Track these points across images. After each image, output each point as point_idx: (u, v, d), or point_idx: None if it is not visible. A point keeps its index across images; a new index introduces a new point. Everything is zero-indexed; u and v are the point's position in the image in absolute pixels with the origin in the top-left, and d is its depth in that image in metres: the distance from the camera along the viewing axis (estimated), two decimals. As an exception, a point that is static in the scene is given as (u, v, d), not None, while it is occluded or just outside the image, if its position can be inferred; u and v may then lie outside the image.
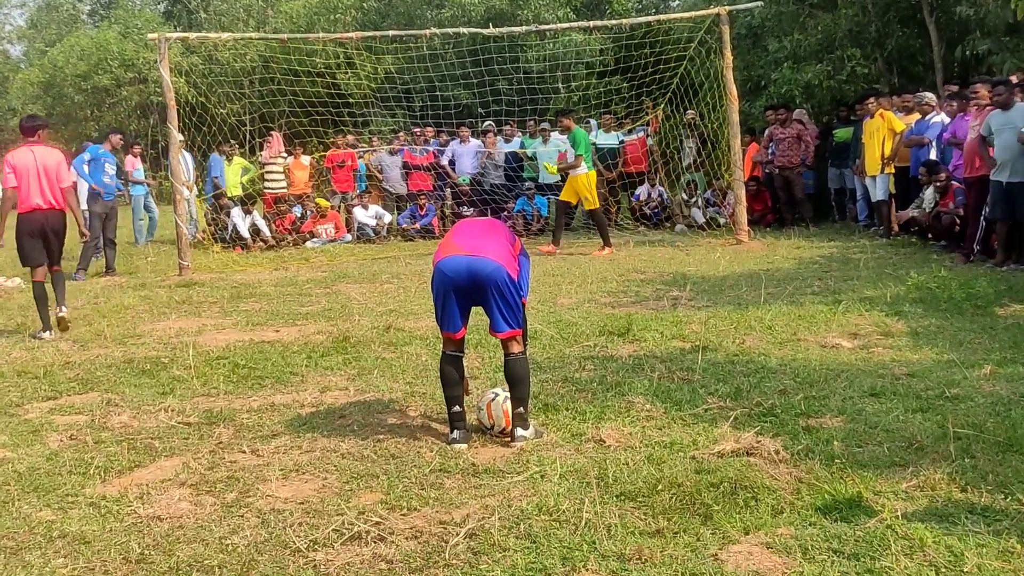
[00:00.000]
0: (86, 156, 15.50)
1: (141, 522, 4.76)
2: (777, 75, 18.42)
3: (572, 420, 6.04)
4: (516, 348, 5.77)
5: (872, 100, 14.78)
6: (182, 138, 15.44)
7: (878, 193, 14.69)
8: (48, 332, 9.87)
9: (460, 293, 5.69)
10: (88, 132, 35.77)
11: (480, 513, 4.65)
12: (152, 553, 4.39)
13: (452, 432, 5.77)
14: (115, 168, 15.81)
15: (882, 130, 14.21)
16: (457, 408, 5.78)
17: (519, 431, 5.68)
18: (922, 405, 5.98)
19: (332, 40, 24.82)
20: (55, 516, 4.90)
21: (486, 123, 20.00)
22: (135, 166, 20.07)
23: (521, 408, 5.72)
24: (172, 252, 15.98)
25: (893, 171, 14.29)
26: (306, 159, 19.92)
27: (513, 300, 5.70)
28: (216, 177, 19.30)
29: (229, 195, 19.03)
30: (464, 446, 5.66)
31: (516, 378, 5.74)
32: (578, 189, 15.05)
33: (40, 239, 10.05)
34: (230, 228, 18.35)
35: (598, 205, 15.55)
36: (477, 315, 6.06)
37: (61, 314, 10.03)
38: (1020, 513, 4.34)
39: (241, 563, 4.24)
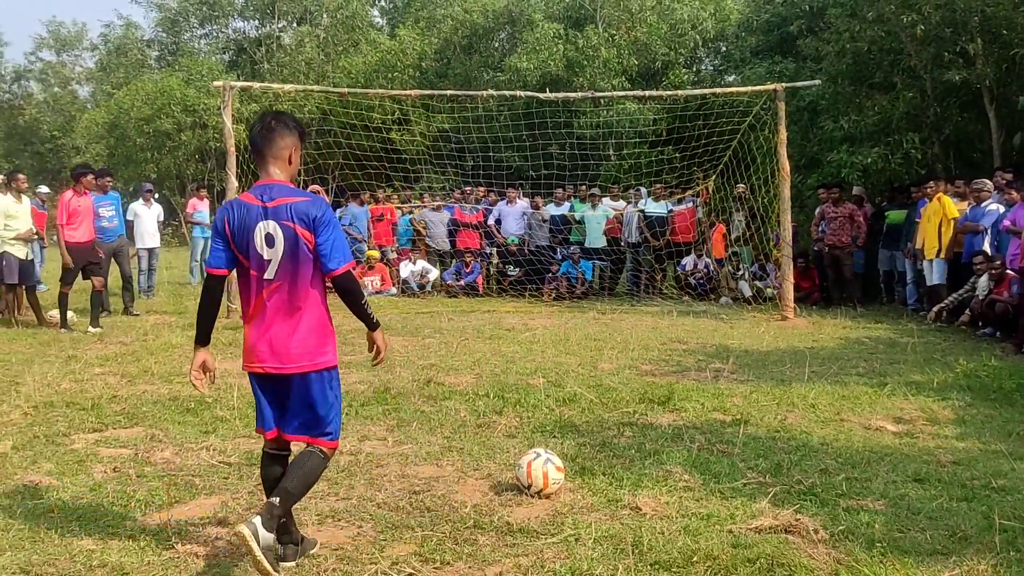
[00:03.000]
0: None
1: (179, 557, 4.79)
2: (833, 157, 18.35)
3: (609, 485, 5.97)
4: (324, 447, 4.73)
5: (932, 184, 14.70)
6: (236, 185, 15.62)
7: (934, 277, 14.50)
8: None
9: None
10: (147, 174, 36.40)
11: (513, 572, 4.61)
12: (185, 591, 4.40)
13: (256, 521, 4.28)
14: (112, 211, 15.74)
15: (939, 214, 14.09)
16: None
17: (261, 530, 4.24)
18: (967, 494, 5.85)
19: (390, 96, 25.19)
20: (95, 546, 4.94)
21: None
22: (196, 208, 20.39)
23: (277, 499, 4.43)
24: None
25: (950, 256, 14.13)
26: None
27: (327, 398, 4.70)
28: None
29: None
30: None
31: (296, 468, 4.64)
32: None
33: None
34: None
35: None
36: (496, 359, 6.03)
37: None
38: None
39: (272, 607, 4.22)
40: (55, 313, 13.72)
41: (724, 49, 31.48)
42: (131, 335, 12.66)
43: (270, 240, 4.53)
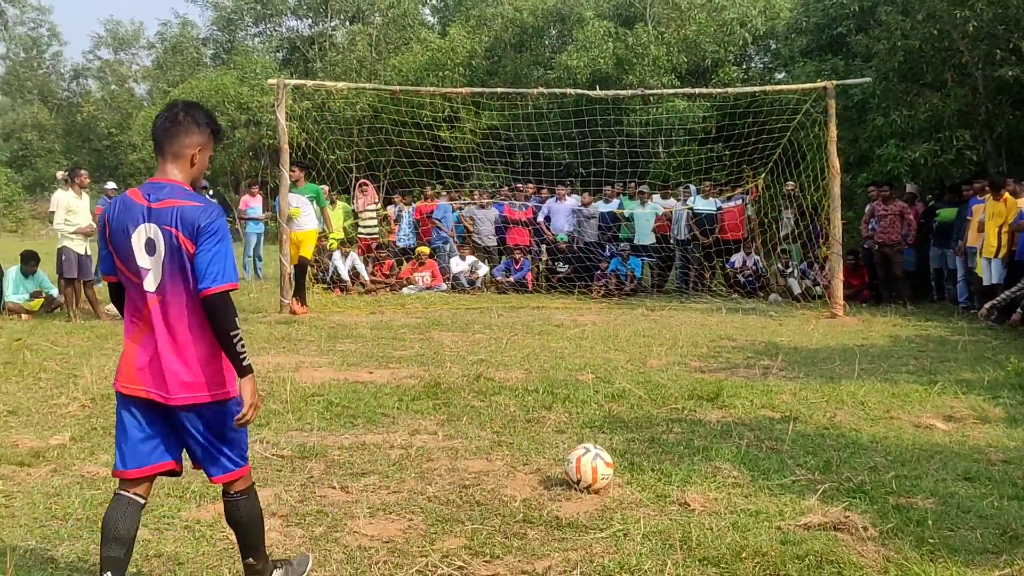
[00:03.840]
0: None
1: (232, 548, 4.82)
2: (883, 151, 18.15)
3: (657, 481, 5.96)
4: (240, 485, 4.22)
5: (978, 182, 14.49)
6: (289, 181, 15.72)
7: (992, 276, 14.27)
8: None
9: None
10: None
11: (562, 566, 4.62)
12: (241, 579, 4.46)
13: None
14: None
15: (1002, 214, 13.84)
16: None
17: None
18: (1018, 493, 5.78)
19: (441, 94, 25.27)
20: (152, 536, 5.01)
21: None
22: (249, 204, 20.56)
23: (251, 559, 4.23)
24: (274, 289, 16.27)
25: (1008, 257, 13.91)
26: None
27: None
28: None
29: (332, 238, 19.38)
30: None
31: (235, 522, 4.26)
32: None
33: None
34: (331, 270, 18.64)
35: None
36: (546, 355, 6.02)
37: None
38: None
39: (325, 596, 4.27)
40: (111, 307, 13.90)
41: (774, 47, 31.22)
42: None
43: (150, 246, 3.89)
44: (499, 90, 20.74)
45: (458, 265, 19.10)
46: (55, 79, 57.88)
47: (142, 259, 3.90)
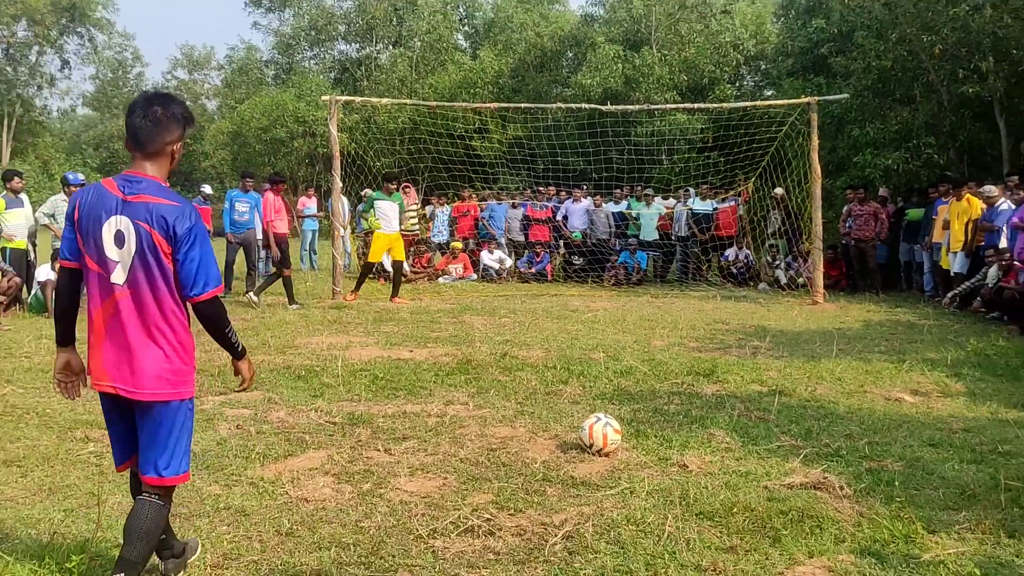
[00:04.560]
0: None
1: (291, 502, 4.87)
2: (859, 159, 18.08)
3: (659, 446, 5.96)
4: (163, 493, 3.67)
5: (944, 185, 14.38)
6: (340, 185, 15.76)
7: (956, 267, 14.14)
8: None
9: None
10: (264, 175, 36.91)
11: (576, 519, 4.63)
12: (299, 529, 4.49)
13: None
14: (247, 207, 15.79)
15: (967, 212, 13.75)
16: None
17: None
18: (976, 457, 5.74)
19: (472, 108, 25.24)
20: (221, 491, 5.05)
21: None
22: (305, 204, 20.62)
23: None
24: (327, 279, 16.34)
25: (972, 250, 13.83)
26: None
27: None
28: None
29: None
30: None
31: (132, 531, 3.58)
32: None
33: None
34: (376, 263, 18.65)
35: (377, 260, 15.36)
36: (563, 336, 6.00)
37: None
38: (1064, 561, 4.15)
39: (372, 543, 4.30)
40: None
41: (763, 67, 31.03)
42: (251, 313, 12.89)
43: (120, 239, 3.47)
44: (523, 105, 20.73)
45: (488, 258, 19.12)
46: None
47: (111, 251, 3.49)
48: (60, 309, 3.73)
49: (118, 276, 3.50)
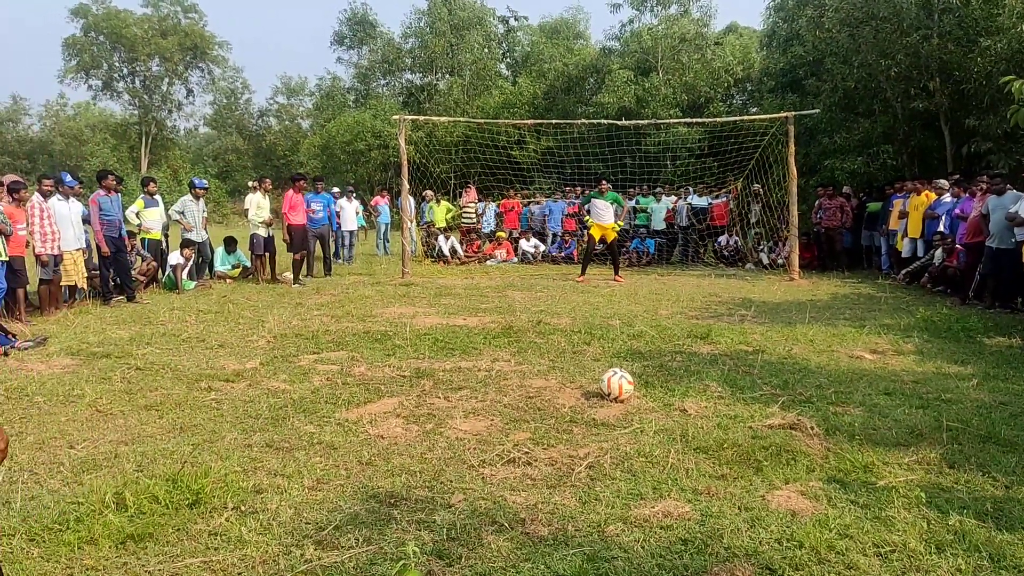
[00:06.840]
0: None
1: (370, 439, 4.93)
2: (828, 162, 17.85)
3: (664, 394, 5.95)
4: None
5: (899, 182, 14.12)
6: (408, 187, 15.79)
7: (908, 250, 13.93)
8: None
9: None
10: (348, 180, 37.10)
11: (597, 452, 4.64)
12: (376, 459, 4.55)
13: None
14: (320, 205, 15.22)
15: (924, 205, 13.50)
16: None
17: None
18: (923, 404, 5.67)
19: (512, 125, 25.11)
20: (315, 430, 5.12)
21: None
22: (379, 203, 20.71)
23: None
24: (398, 262, 16.42)
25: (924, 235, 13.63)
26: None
27: None
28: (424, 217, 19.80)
29: (436, 226, 19.48)
30: None
31: None
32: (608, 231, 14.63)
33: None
34: (436, 249, 18.74)
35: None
36: (586, 307, 5.98)
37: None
38: (994, 486, 4.09)
39: (433, 471, 4.34)
40: (288, 275, 14.12)
41: (749, 88, 30.50)
42: (338, 289, 13.01)
43: None
44: (553, 121, 20.49)
45: (526, 244, 19.07)
46: (247, 117, 58.30)
47: None
48: None
49: None
